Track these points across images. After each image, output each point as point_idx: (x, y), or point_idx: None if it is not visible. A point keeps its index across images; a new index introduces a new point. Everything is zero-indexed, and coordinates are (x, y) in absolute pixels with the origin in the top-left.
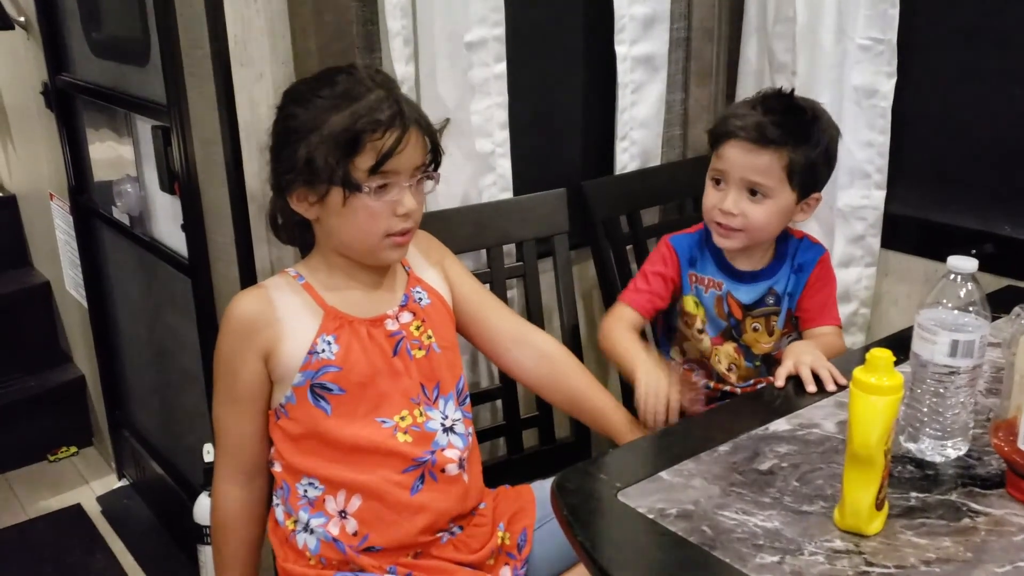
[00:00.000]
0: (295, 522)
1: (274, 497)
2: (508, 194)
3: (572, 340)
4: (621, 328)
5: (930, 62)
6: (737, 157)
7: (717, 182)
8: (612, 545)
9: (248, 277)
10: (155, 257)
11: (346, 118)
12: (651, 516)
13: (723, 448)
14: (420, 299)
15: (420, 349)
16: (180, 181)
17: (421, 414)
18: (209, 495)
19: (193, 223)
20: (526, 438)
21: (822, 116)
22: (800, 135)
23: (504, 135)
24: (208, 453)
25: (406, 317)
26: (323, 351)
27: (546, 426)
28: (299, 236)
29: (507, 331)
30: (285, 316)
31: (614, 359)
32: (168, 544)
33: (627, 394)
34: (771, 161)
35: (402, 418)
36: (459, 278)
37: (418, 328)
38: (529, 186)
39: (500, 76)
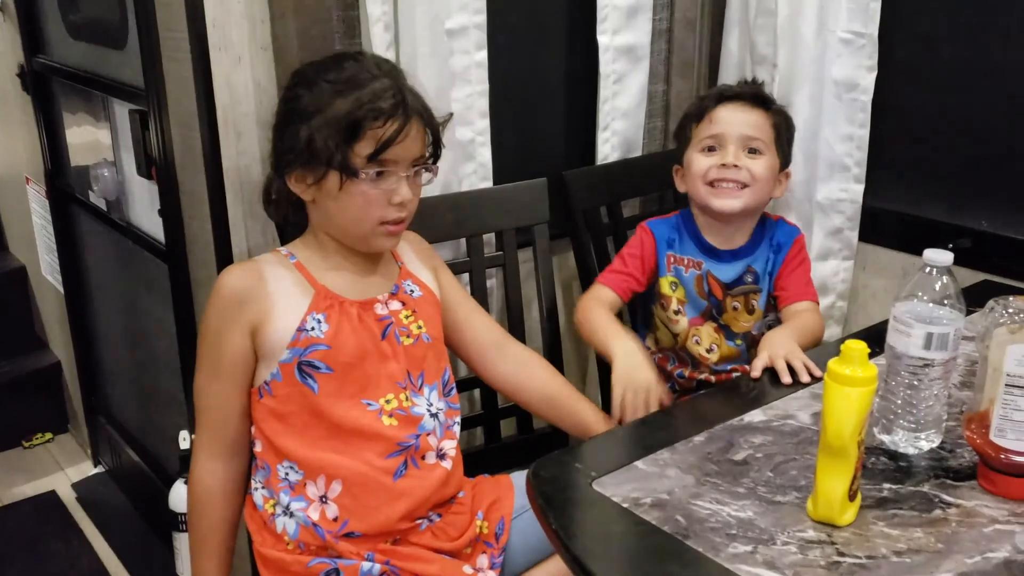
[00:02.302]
0: (275, 505)
1: (253, 480)
2: (488, 183)
3: (551, 331)
4: (597, 307)
5: (911, 56)
6: (733, 116)
7: (710, 149)
8: (586, 534)
9: (225, 263)
10: (132, 243)
11: (349, 104)
12: (625, 505)
13: (698, 438)
14: (411, 291)
15: (408, 337)
16: (157, 166)
17: (407, 399)
18: (185, 482)
19: (170, 209)
20: (504, 428)
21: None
22: (776, 104)
23: (485, 124)
24: (184, 440)
25: (396, 305)
26: (312, 329)
27: (524, 416)
28: (291, 215)
29: (488, 340)
30: (275, 292)
31: (590, 338)
32: (144, 531)
33: (606, 389)
34: (764, 119)
35: (387, 401)
36: (448, 285)
37: (408, 317)
38: (510, 175)
39: (481, 64)
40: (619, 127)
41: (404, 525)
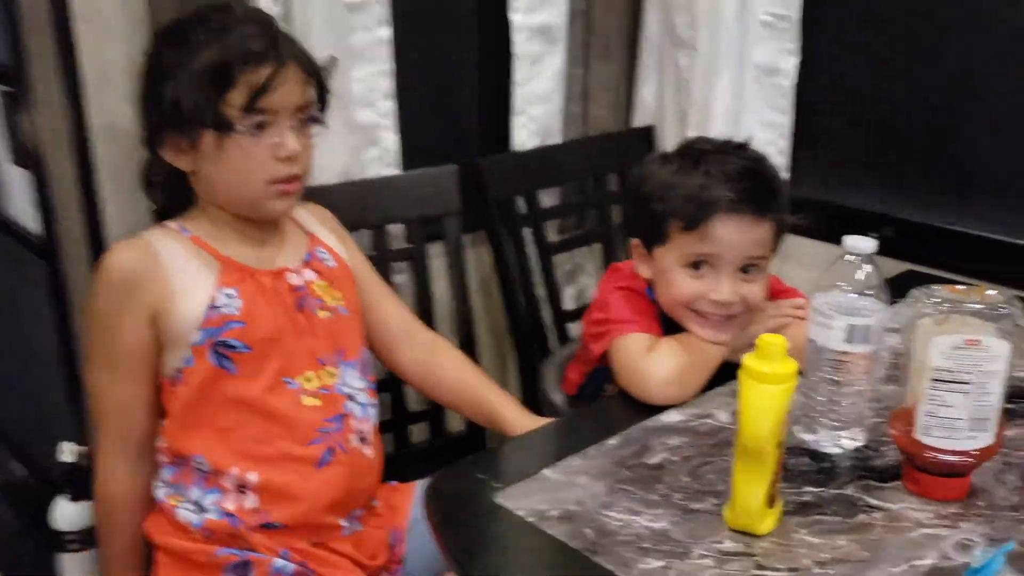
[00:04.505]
0: (180, 500)
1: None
2: (395, 170)
3: (465, 330)
4: (649, 352)
5: (834, 41)
6: (734, 236)
7: (695, 266)
8: (487, 553)
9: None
10: (8, 237)
11: (215, 51)
12: (531, 519)
13: (612, 441)
14: (324, 259)
15: (325, 310)
16: (29, 153)
17: (329, 375)
18: (71, 499)
19: (44, 200)
20: (416, 433)
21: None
22: (779, 189)
23: (389, 106)
24: (65, 453)
25: (310, 274)
26: (224, 305)
27: (437, 420)
28: (176, 194)
29: (398, 326)
30: (173, 269)
31: (696, 374)
32: (32, 550)
33: (526, 388)
34: (767, 231)
35: (308, 379)
36: (358, 262)
37: (323, 288)
38: (419, 162)
39: (384, 42)
40: (536, 112)
41: (328, 519)
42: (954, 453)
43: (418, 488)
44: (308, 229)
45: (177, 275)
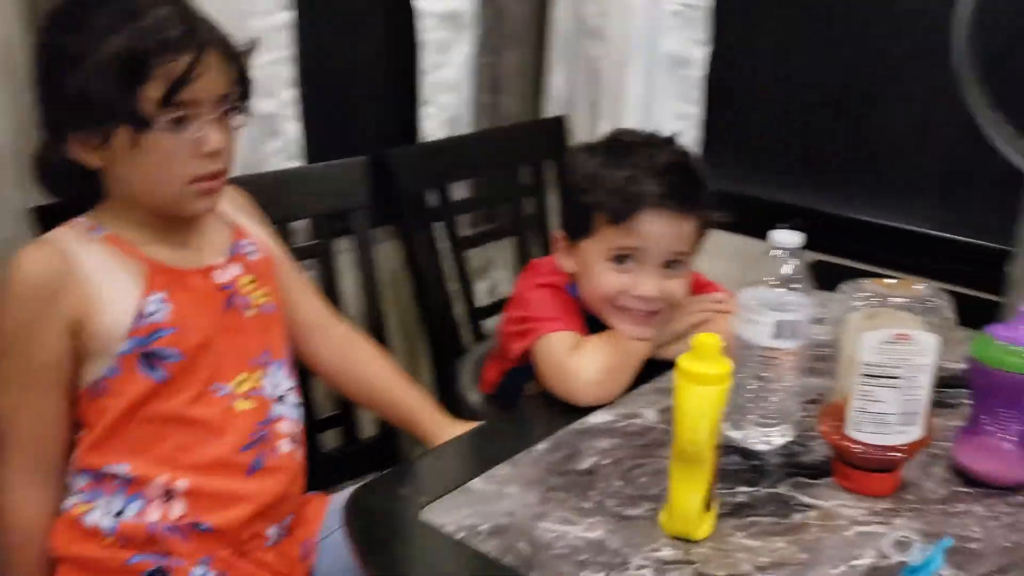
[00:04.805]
0: (90, 506)
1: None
2: (299, 162)
3: (375, 329)
4: (575, 351)
5: (745, 31)
6: (660, 229)
7: (620, 260)
8: (413, 575)
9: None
10: None
11: (126, 38)
12: (459, 536)
13: (540, 447)
14: (249, 252)
15: (251, 308)
16: None
17: (259, 377)
18: None
19: None
20: (326, 440)
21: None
22: (705, 185)
23: (291, 95)
24: None
25: (235, 270)
26: (154, 313)
27: (348, 425)
28: (81, 186)
29: (315, 320)
30: (94, 274)
31: (620, 371)
32: None
33: (441, 387)
34: (692, 226)
35: (239, 383)
36: (277, 250)
37: (249, 283)
38: (324, 154)
39: (284, 27)
40: (445, 101)
41: (256, 527)
42: (885, 448)
43: (333, 501)
44: (230, 218)
45: (98, 281)
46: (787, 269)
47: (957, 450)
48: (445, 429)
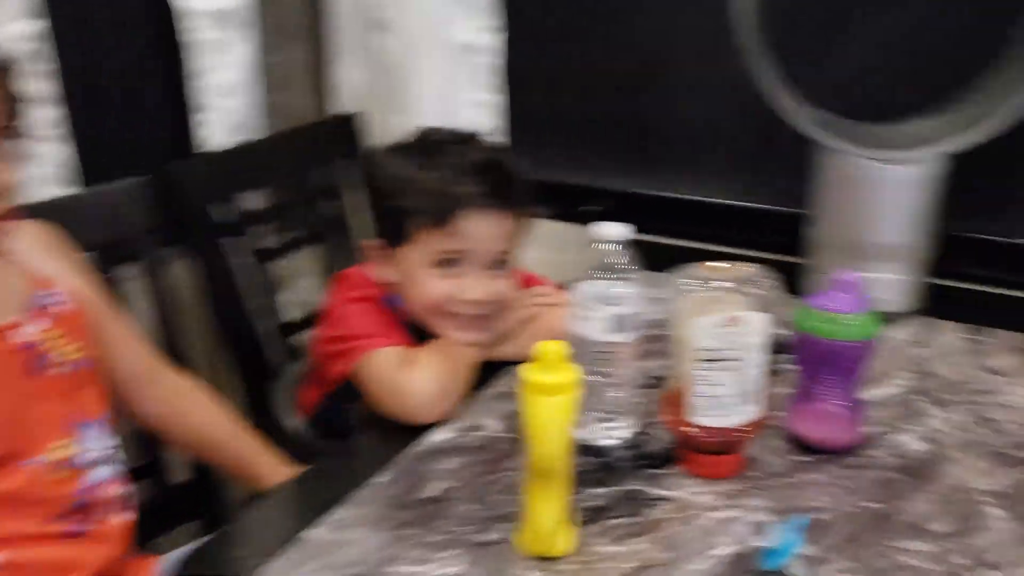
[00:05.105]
0: None
1: None
2: (73, 188)
3: (177, 358)
4: (405, 366)
5: (538, 14)
6: (483, 230)
7: (444, 264)
8: None
9: None
10: None
11: None
12: None
13: (380, 479)
14: (55, 304)
15: (61, 366)
16: None
17: (73, 444)
18: None
19: None
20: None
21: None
22: (523, 181)
23: (53, 113)
24: None
25: (39, 325)
26: None
27: (155, 472)
28: None
29: (139, 369)
30: None
31: (451, 383)
32: None
33: (255, 414)
34: (513, 224)
35: (50, 452)
36: (91, 294)
37: (57, 339)
38: (107, 175)
39: (32, 37)
40: (228, 105)
41: None
42: (728, 430)
43: (158, 564)
44: (29, 266)
45: None
46: (614, 260)
47: (791, 420)
48: (285, 475)
